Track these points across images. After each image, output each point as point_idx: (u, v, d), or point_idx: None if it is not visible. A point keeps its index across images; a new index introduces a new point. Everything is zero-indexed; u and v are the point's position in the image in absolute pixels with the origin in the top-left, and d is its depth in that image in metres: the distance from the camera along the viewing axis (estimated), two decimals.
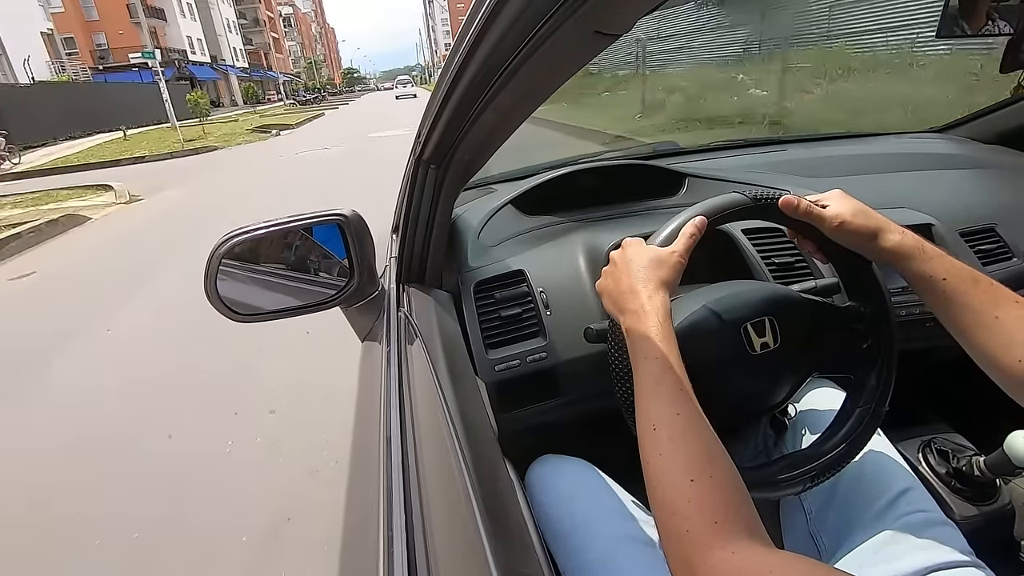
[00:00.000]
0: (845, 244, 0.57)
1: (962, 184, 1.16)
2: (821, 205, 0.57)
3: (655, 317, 0.50)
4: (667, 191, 1.09)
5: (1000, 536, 0.75)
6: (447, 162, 0.69)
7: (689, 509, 0.38)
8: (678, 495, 0.40)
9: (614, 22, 0.41)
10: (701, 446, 0.42)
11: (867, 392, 0.62)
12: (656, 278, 0.53)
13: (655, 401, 0.46)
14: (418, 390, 0.60)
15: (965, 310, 0.50)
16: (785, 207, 0.57)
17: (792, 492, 0.60)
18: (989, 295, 0.49)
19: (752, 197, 0.58)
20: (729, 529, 0.37)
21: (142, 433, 2.15)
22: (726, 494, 0.40)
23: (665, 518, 0.40)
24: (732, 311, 0.61)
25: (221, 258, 0.68)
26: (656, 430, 0.44)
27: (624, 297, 0.54)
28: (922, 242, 0.54)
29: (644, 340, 0.49)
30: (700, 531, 0.37)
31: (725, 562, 0.35)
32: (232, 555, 1.53)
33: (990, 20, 0.92)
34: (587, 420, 0.86)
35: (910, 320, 0.82)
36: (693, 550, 0.37)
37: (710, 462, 0.41)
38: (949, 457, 0.82)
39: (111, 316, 3.37)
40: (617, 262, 0.58)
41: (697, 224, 0.56)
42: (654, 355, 0.48)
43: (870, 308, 0.62)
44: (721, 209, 0.58)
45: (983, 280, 0.50)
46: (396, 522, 0.41)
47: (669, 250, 0.55)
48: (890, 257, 0.54)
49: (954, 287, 0.50)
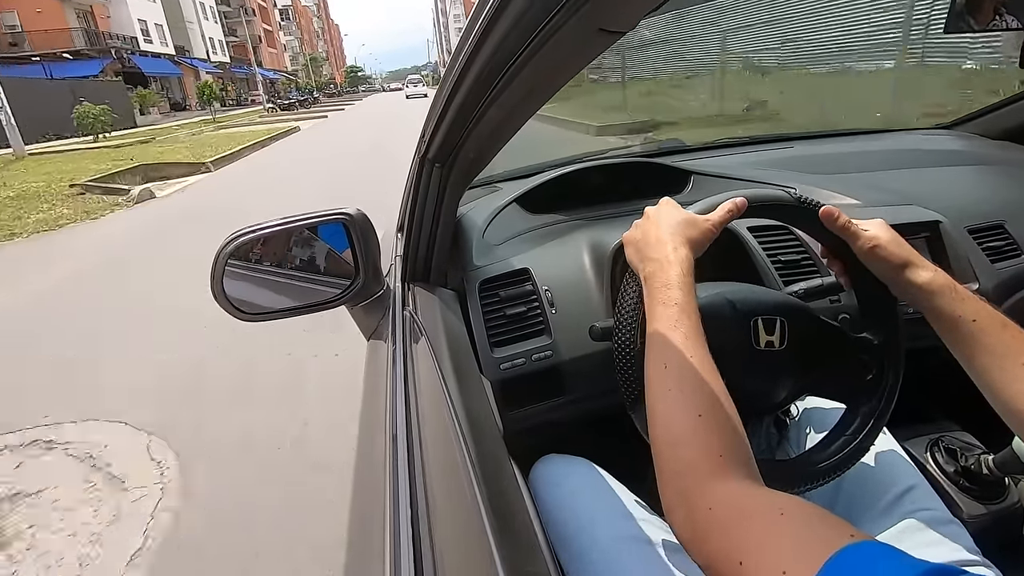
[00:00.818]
0: (874, 269, 0.57)
1: (970, 181, 1.15)
2: (862, 228, 0.57)
3: (678, 267, 0.50)
4: (673, 189, 1.09)
5: (1009, 535, 0.74)
6: (452, 160, 0.69)
7: (695, 441, 0.39)
8: (684, 428, 0.40)
9: (618, 20, 0.41)
10: (711, 388, 0.43)
11: (860, 420, 0.61)
12: (685, 235, 0.53)
13: (669, 343, 0.46)
14: (423, 388, 0.60)
15: (991, 354, 0.49)
16: (825, 217, 0.56)
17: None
18: (1017, 341, 0.49)
19: (796, 198, 0.58)
20: (733, 465, 0.37)
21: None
22: (732, 434, 0.40)
23: (667, 450, 0.40)
24: (746, 303, 0.61)
25: (228, 257, 0.68)
26: (667, 368, 0.45)
27: (649, 247, 0.54)
28: (953, 282, 0.53)
29: (664, 288, 0.50)
30: (704, 463, 0.37)
31: (729, 492, 0.35)
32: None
33: (997, 15, 0.91)
34: (592, 419, 0.86)
35: (919, 317, 0.82)
36: (695, 481, 0.37)
37: (719, 403, 0.42)
38: (957, 455, 0.81)
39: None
40: (650, 215, 0.58)
41: (738, 203, 0.56)
42: (673, 301, 0.48)
43: (882, 341, 0.61)
44: (763, 200, 0.58)
45: (1012, 326, 0.50)
46: (402, 519, 0.42)
47: (704, 217, 0.56)
48: (918, 291, 0.53)
49: (982, 329, 0.50)
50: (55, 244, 5.35)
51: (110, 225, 6.03)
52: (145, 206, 6.91)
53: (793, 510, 0.32)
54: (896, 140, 1.45)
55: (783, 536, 0.31)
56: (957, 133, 1.44)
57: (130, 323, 3.23)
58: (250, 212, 5.33)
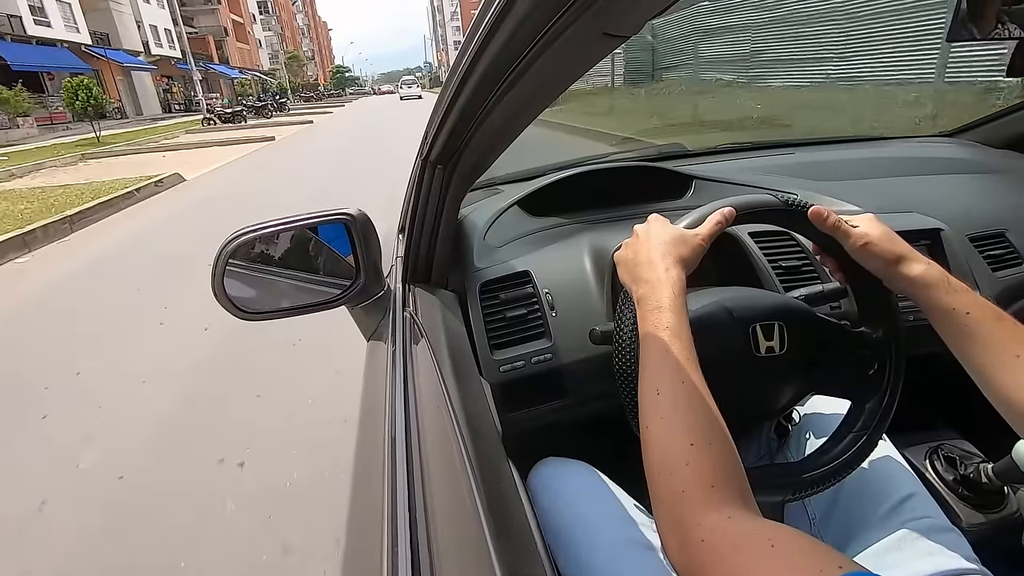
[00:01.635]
0: (867, 266, 0.57)
1: (972, 189, 1.15)
2: (851, 224, 0.57)
3: (670, 289, 0.50)
4: (674, 193, 1.09)
5: (1008, 544, 0.74)
6: (454, 163, 0.69)
7: (687, 471, 0.39)
8: (677, 458, 0.40)
9: (623, 24, 0.41)
10: (703, 415, 0.43)
11: (864, 419, 0.61)
12: (676, 253, 0.53)
13: (661, 368, 0.46)
14: (423, 390, 0.60)
15: (985, 347, 0.49)
16: (814, 217, 0.56)
17: (774, 500, 0.60)
18: (1011, 333, 0.48)
19: (784, 201, 0.58)
20: (725, 495, 0.37)
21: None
22: (724, 462, 0.40)
23: (660, 479, 0.40)
24: (744, 310, 0.61)
25: (228, 257, 0.68)
26: (660, 395, 0.44)
27: (641, 267, 0.54)
28: (947, 275, 0.53)
29: (656, 310, 0.49)
30: (696, 493, 0.37)
31: (721, 524, 0.35)
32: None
33: (1000, 24, 0.91)
34: (591, 422, 0.86)
35: (918, 325, 0.82)
36: (687, 510, 0.37)
37: (711, 430, 0.42)
38: (956, 464, 0.81)
39: None
40: (639, 234, 0.58)
41: (725, 213, 0.56)
42: (664, 325, 0.48)
43: (882, 335, 0.61)
44: (751, 206, 0.58)
45: (1007, 318, 0.50)
46: (400, 521, 0.41)
47: (693, 232, 0.55)
48: (912, 285, 0.53)
49: (977, 322, 0.50)
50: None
51: None
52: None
53: (784, 541, 0.32)
54: (898, 148, 1.45)
55: (774, 567, 0.31)
56: (959, 141, 1.44)
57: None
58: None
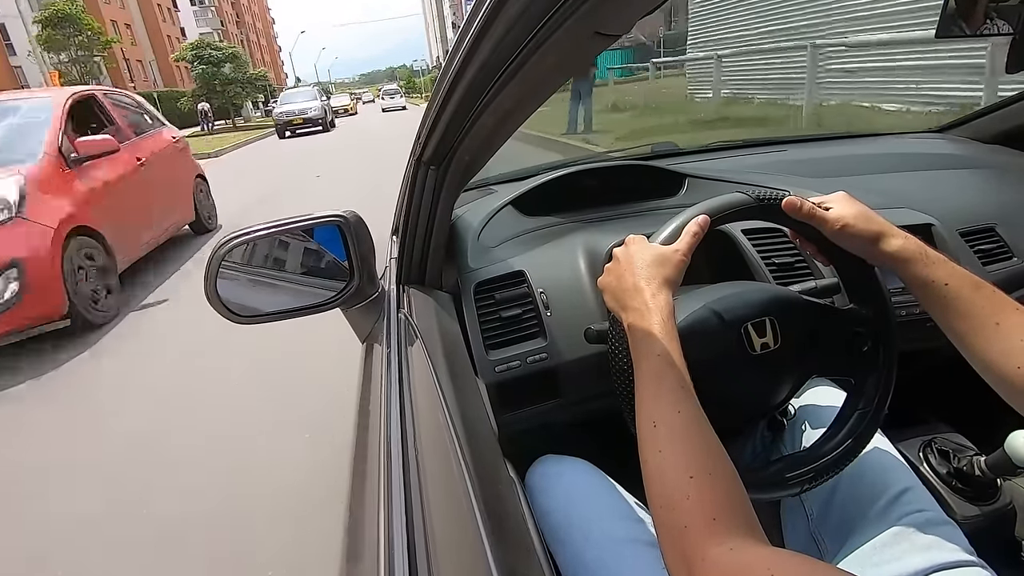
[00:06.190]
0: (847, 247, 0.57)
1: (962, 184, 1.16)
2: (824, 207, 0.57)
3: (658, 315, 0.50)
4: (667, 192, 1.09)
5: (1001, 536, 0.75)
6: (447, 163, 0.69)
7: (688, 505, 0.38)
8: (677, 491, 0.40)
9: (614, 23, 0.41)
10: (701, 444, 0.42)
11: (867, 394, 0.62)
12: (660, 276, 0.53)
13: (656, 399, 0.46)
14: (418, 391, 0.60)
15: (966, 316, 0.49)
16: (788, 208, 0.56)
17: (790, 493, 0.60)
18: (991, 301, 0.49)
19: (755, 197, 0.58)
20: (727, 526, 0.37)
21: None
22: (725, 492, 0.40)
23: (663, 514, 0.40)
24: (733, 311, 0.61)
25: (221, 260, 0.68)
26: (656, 427, 0.44)
27: (627, 294, 0.54)
28: (924, 247, 0.53)
29: (647, 338, 0.49)
30: (698, 527, 0.37)
31: (723, 557, 0.35)
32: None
33: (989, 20, 0.92)
34: (587, 421, 0.86)
35: (910, 320, 0.82)
36: (690, 545, 0.36)
37: (710, 460, 0.41)
38: (950, 457, 0.82)
39: None
40: (620, 259, 0.57)
41: (700, 223, 0.56)
42: (656, 352, 0.48)
43: (871, 311, 0.62)
44: (724, 208, 0.57)
45: (985, 286, 0.50)
46: (396, 523, 0.41)
47: (672, 248, 0.55)
48: (892, 261, 0.54)
49: (956, 292, 0.50)
50: None
51: None
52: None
53: (783, 568, 0.33)
54: (889, 143, 1.46)
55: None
56: (949, 137, 1.45)
57: None
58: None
